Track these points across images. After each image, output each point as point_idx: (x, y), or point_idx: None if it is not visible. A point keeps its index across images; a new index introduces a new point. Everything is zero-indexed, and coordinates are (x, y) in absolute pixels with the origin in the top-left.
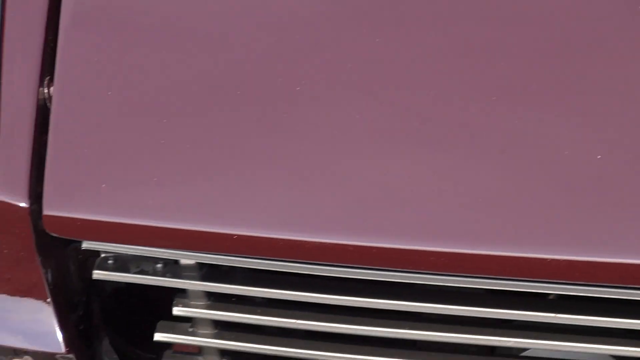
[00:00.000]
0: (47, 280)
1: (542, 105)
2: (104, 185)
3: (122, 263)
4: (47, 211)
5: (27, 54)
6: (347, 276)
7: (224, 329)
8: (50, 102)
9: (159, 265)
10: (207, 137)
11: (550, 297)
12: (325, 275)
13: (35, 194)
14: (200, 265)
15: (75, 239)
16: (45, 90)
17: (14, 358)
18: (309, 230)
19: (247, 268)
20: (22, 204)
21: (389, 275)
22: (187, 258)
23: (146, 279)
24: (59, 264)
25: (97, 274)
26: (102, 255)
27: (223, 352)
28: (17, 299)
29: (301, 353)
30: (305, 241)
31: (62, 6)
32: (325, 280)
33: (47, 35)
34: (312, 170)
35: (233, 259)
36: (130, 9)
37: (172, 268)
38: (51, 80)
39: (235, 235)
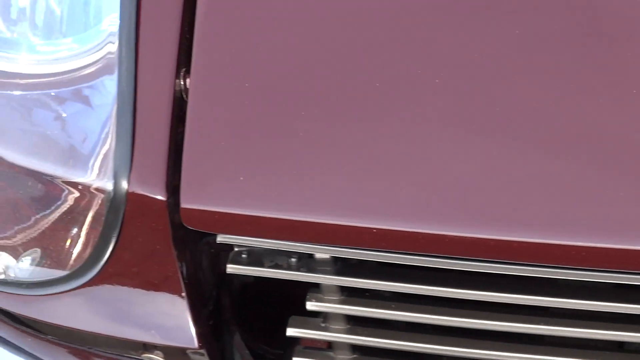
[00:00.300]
0: (181, 274)
1: (627, 97)
2: (241, 178)
3: (256, 257)
4: (184, 204)
5: (162, 45)
6: (492, 271)
7: (355, 324)
8: (186, 94)
9: (293, 260)
10: (346, 130)
11: None
12: (464, 270)
13: (172, 187)
14: (335, 260)
15: (211, 232)
16: (181, 82)
17: (144, 353)
18: (452, 224)
19: (376, 262)
20: (160, 197)
21: (535, 270)
22: (322, 252)
23: (281, 273)
24: (192, 257)
25: (231, 268)
26: (236, 249)
27: (354, 347)
28: (150, 292)
29: (435, 349)
30: (448, 235)
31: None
32: (461, 275)
33: (182, 27)
34: (438, 163)
35: (371, 253)
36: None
37: (307, 262)
38: (187, 72)
39: (374, 229)
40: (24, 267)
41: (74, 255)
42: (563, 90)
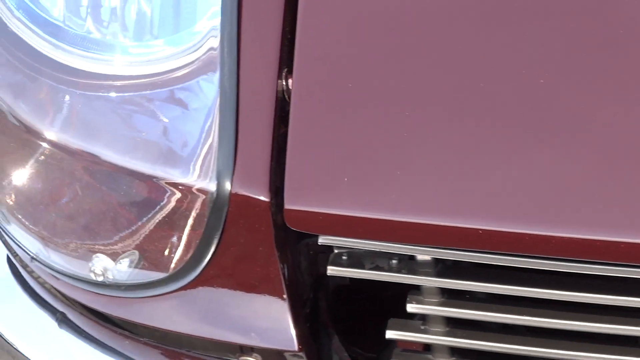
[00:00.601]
0: (283, 275)
1: None
2: (345, 179)
3: (356, 259)
4: (288, 205)
5: (264, 45)
6: (598, 273)
7: (454, 326)
8: (288, 94)
9: (394, 261)
10: (450, 131)
11: None
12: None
13: (275, 188)
14: (436, 261)
15: (314, 233)
16: (283, 83)
17: (241, 356)
18: (563, 225)
19: (473, 263)
20: (263, 198)
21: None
22: (424, 253)
23: (382, 275)
24: (293, 259)
25: (332, 270)
26: (335, 251)
27: (453, 350)
28: (250, 294)
29: (535, 351)
30: (557, 236)
31: None
32: (564, 277)
33: (284, 26)
34: (544, 165)
35: (475, 254)
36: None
37: (408, 264)
38: (289, 72)
39: (480, 230)
40: (122, 270)
41: (174, 257)
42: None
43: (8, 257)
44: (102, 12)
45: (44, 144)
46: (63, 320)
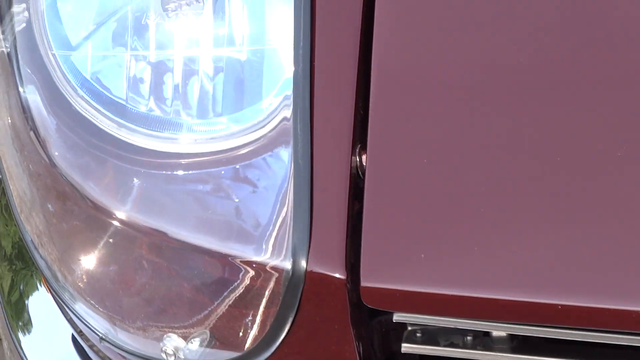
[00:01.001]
0: (358, 354)
1: None
2: (422, 255)
3: (430, 336)
4: (365, 282)
5: (338, 122)
6: None
7: None
8: (362, 170)
9: (469, 338)
10: (525, 209)
11: None
12: None
13: (351, 265)
14: (511, 337)
15: (391, 310)
16: (357, 159)
17: None
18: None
19: (547, 338)
20: (339, 276)
21: None
22: (500, 329)
23: (458, 352)
24: (367, 337)
25: (407, 348)
26: (410, 328)
27: None
28: None
29: None
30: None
31: (371, 74)
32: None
33: (357, 102)
34: (621, 238)
35: (549, 330)
36: (440, 75)
37: (484, 340)
38: (363, 149)
39: (559, 305)
40: (194, 349)
41: (247, 336)
42: None
43: (73, 336)
44: (165, 90)
45: (114, 224)
46: None
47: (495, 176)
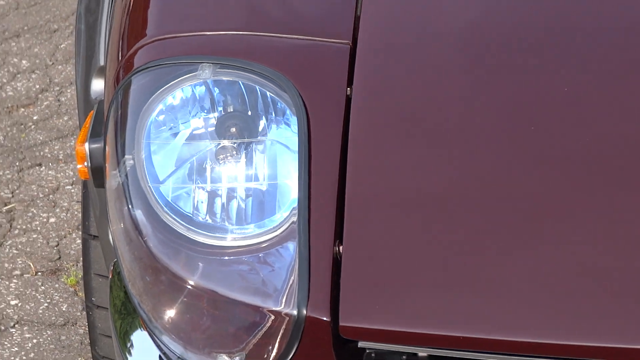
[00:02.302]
0: None
1: None
2: (377, 307)
3: (380, 356)
4: (342, 322)
5: (325, 226)
6: None
7: None
8: (340, 256)
9: (404, 357)
10: (478, 254)
11: None
12: None
13: (334, 312)
14: (431, 357)
15: (358, 340)
16: (337, 249)
17: None
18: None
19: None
20: (326, 319)
21: None
22: (425, 352)
23: None
24: (345, 356)
25: None
26: (367, 350)
27: None
28: None
29: None
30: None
31: (345, 196)
32: None
33: (338, 205)
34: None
35: (463, 353)
36: (394, 190)
37: (412, 359)
38: (340, 243)
39: (477, 337)
40: None
41: (270, 356)
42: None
43: (160, 356)
44: (216, 208)
45: (187, 287)
46: None
47: (453, 243)
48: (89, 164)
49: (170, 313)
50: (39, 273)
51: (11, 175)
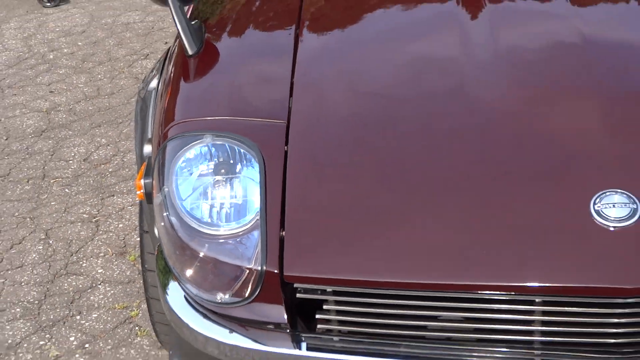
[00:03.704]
0: (285, 303)
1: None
2: (313, 259)
3: (312, 292)
4: (286, 272)
5: (274, 219)
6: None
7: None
8: (284, 237)
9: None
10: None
11: None
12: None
13: (281, 267)
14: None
15: (295, 283)
16: (281, 233)
17: None
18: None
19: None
20: (277, 271)
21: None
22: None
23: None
24: (288, 294)
25: (301, 295)
26: (299, 287)
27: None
28: (271, 305)
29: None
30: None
31: (286, 199)
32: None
33: (281, 211)
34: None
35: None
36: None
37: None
38: (283, 229)
39: (400, 282)
40: (226, 297)
41: (245, 294)
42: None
43: (184, 296)
44: (213, 213)
45: (199, 256)
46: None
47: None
48: (144, 191)
49: (189, 271)
50: (114, 254)
51: (96, 201)
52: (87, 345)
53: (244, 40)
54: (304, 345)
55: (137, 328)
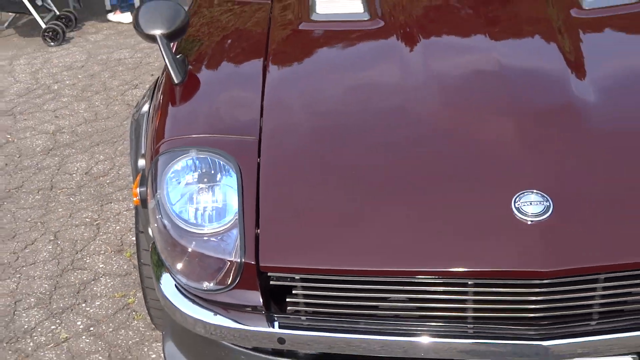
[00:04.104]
0: (260, 286)
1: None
2: (283, 253)
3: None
4: (262, 263)
5: (250, 219)
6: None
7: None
8: (259, 234)
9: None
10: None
11: None
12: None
13: (257, 258)
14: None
15: (270, 272)
16: (257, 231)
17: None
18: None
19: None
20: (253, 262)
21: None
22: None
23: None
24: (263, 282)
25: (274, 282)
26: (271, 275)
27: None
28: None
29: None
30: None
31: (259, 200)
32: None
33: (256, 212)
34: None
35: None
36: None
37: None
38: (258, 227)
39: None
40: (211, 285)
41: (227, 282)
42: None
43: (175, 285)
44: (198, 215)
45: (188, 250)
46: None
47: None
48: (140, 197)
49: (179, 264)
50: (113, 252)
51: (97, 208)
52: (91, 328)
53: (220, 71)
54: (276, 324)
55: (134, 313)
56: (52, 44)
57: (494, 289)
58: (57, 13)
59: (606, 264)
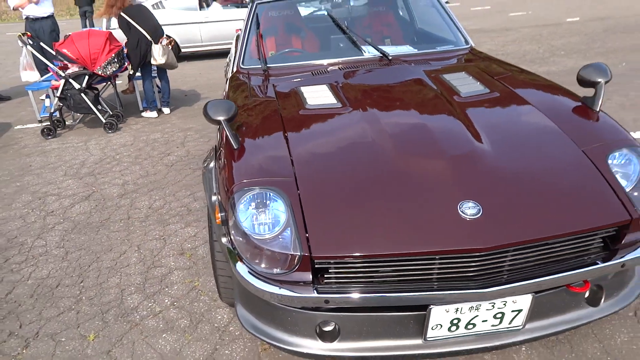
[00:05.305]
0: (313, 273)
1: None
2: (331, 246)
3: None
4: (314, 254)
5: (300, 223)
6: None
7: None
8: (308, 236)
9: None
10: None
11: None
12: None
13: (310, 250)
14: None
15: (320, 260)
16: (307, 234)
17: None
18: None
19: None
20: (307, 253)
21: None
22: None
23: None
24: (315, 268)
25: (319, 264)
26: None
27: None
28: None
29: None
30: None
31: (303, 211)
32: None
33: (303, 220)
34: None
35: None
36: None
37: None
38: (306, 232)
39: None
40: (264, 267)
41: (289, 268)
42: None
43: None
44: (261, 227)
45: (258, 248)
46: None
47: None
48: (221, 219)
49: (256, 259)
50: (177, 254)
51: (161, 228)
52: (175, 303)
53: (259, 139)
54: (315, 291)
55: (200, 292)
56: (110, 132)
57: (450, 260)
58: (111, 112)
59: (513, 241)
